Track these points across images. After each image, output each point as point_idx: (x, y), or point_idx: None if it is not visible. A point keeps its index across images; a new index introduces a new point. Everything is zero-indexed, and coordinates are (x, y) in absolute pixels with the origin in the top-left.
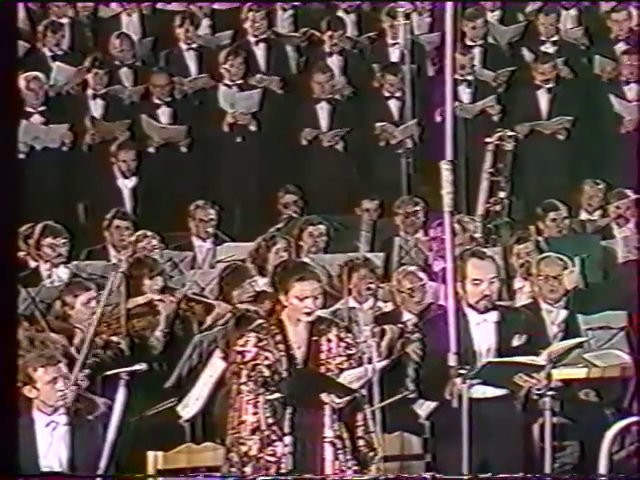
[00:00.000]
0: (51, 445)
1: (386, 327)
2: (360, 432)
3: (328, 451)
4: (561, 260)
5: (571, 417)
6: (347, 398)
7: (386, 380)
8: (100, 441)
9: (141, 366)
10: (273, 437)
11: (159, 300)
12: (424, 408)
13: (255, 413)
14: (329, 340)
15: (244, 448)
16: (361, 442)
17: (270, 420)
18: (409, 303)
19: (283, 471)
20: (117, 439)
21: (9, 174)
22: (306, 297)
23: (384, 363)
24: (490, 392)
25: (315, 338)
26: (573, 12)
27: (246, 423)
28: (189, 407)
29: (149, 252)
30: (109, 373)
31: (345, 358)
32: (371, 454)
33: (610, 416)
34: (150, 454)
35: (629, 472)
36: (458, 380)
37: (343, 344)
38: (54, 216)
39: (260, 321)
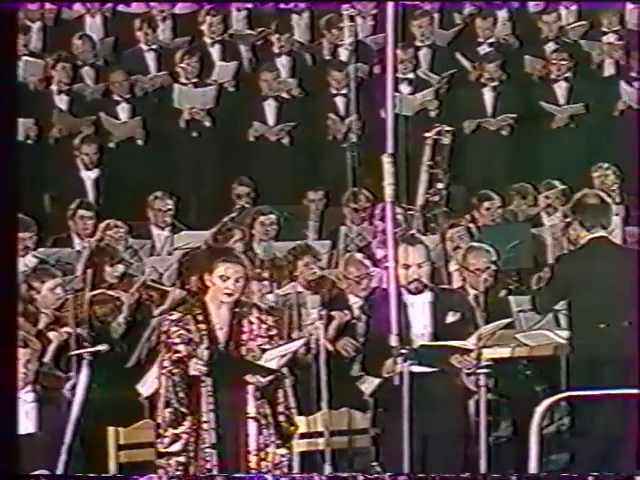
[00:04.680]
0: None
1: (334, 313)
2: (281, 408)
3: (252, 426)
4: (487, 251)
5: (504, 394)
6: (271, 377)
7: (333, 360)
8: (65, 417)
9: (103, 347)
10: (183, 410)
11: (112, 294)
12: (367, 385)
13: (167, 389)
14: (250, 322)
15: (159, 421)
16: (282, 417)
17: (181, 395)
18: (355, 288)
19: (204, 445)
20: (81, 415)
21: (9, 172)
22: (228, 278)
23: (300, 343)
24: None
25: (237, 320)
26: (504, 14)
27: (160, 397)
28: (148, 385)
29: (116, 240)
30: (73, 353)
31: (267, 339)
32: (292, 429)
33: (540, 392)
34: (110, 429)
35: (559, 445)
36: (399, 359)
37: (264, 326)
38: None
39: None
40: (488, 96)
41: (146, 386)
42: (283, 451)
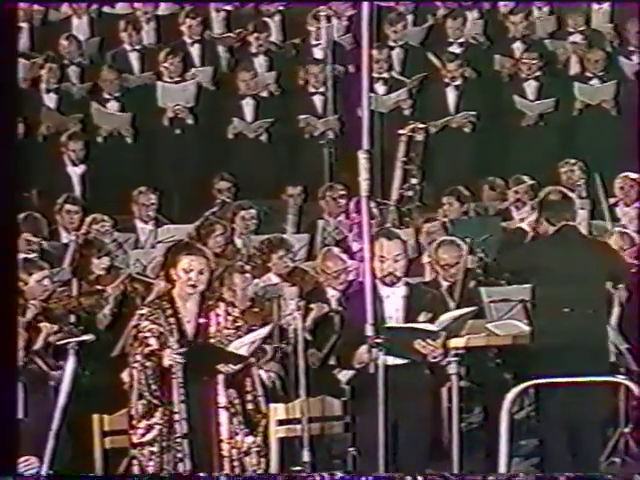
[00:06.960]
0: None
1: (312, 305)
2: (249, 397)
3: (223, 416)
4: (457, 245)
5: (476, 381)
6: (241, 365)
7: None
8: (52, 405)
9: (89, 337)
10: (155, 402)
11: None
12: (344, 374)
13: (140, 381)
14: (217, 315)
15: (132, 412)
16: (250, 406)
17: (153, 387)
18: (332, 281)
19: (177, 435)
20: (68, 403)
21: (9, 170)
22: (192, 270)
23: (267, 329)
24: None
25: (204, 312)
26: (475, 14)
27: (133, 390)
28: None
29: (102, 234)
30: (60, 343)
31: (233, 330)
32: (259, 416)
33: (510, 380)
34: (95, 417)
35: (528, 431)
36: (373, 349)
37: (230, 318)
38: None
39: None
40: (452, 94)
41: None
42: (251, 439)
